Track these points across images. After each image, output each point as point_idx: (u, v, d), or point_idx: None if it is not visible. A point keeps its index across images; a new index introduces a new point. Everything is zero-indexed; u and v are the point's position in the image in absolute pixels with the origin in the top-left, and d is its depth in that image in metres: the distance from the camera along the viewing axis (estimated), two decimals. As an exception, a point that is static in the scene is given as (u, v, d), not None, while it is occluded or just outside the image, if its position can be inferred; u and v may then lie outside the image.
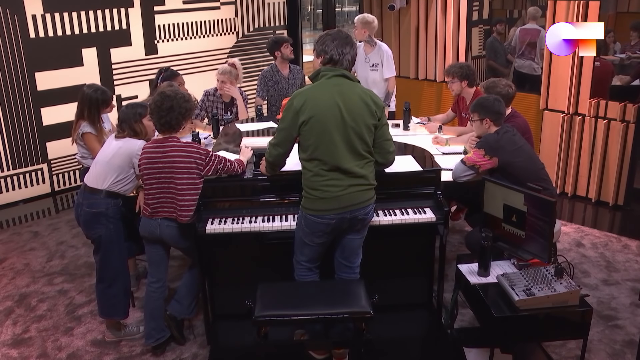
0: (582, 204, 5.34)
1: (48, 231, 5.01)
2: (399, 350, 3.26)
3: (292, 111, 2.73)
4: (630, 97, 5.10)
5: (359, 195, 2.81)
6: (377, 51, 5.10)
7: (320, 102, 2.70)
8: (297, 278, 3.04)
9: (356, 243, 2.98)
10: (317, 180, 2.77)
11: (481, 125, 3.42)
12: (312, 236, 2.87)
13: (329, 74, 2.75)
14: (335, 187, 2.76)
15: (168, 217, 3.06)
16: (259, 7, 7.08)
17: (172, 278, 3.86)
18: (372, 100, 2.78)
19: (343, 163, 2.73)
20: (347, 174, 2.76)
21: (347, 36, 2.80)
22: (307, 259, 2.98)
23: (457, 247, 4.39)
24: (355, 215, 2.83)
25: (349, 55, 2.77)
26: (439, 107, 6.33)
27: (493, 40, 6.42)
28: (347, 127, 2.71)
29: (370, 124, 2.76)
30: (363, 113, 2.73)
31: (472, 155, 3.35)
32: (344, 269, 3.04)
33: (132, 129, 3.21)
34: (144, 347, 3.33)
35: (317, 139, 2.71)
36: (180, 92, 3.07)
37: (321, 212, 2.78)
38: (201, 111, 4.67)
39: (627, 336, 3.38)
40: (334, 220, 2.80)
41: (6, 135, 5.41)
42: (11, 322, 3.66)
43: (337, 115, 2.70)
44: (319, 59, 2.82)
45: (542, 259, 2.83)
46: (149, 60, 6.22)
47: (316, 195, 2.78)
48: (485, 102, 3.41)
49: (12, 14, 5.23)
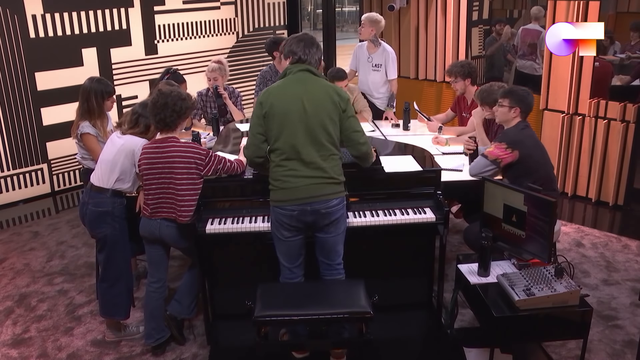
0: (582, 204, 5.34)
1: (48, 231, 5.01)
2: (399, 350, 3.26)
3: (257, 104, 2.86)
4: (630, 97, 5.10)
5: (318, 188, 2.83)
6: (382, 52, 5.07)
7: (282, 95, 2.82)
8: (281, 280, 3.06)
9: (331, 241, 2.96)
10: (278, 171, 2.84)
11: (507, 113, 3.38)
12: (281, 229, 2.90)
13: (294, 70, 2.88)
14: (294, 177, 2.81)
15: (168, 217, 3.06)
16: (259, 7, 7.08)
17: (172, 278, 3.86)
18: (336, 93, 2.86)
19: (303, 153, 2.79)
20: (307, 165, 2.81)
21: (312, 38, 2.94)
22: (283, 257, 3.00)
23: (457, 247, 4.39)
24: (316, 208, 2.83)
25: (315, 55, 2.90)
26: (439, 107, 6.33)
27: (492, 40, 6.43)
28: (309, 117, 2.78)
29: (334, 114, 2.82)
30: (325, 104, 2.81)
31: (493, 149, 3.33)
32: (326, 267, 3.04)
33: (147, 126, 3.21)
34: (144, 347, 3.33)
35: (278, 129, 2.79)
36: (176, 90, 3.07)
37: (282, 202, 2.84)
38: (197, 111, 4.68)
39: (627, 336, 3.38)
40: (295, 211, 2.83)
41: (6, 135, 5.41)
42: (11, 322, 3.66)
43: (299, 106, 2.78)
44: (287, 60, 2.93)
45: (542, 259, 2.83)
46: (149, 60, 6.22)
47: (277, 186, 2.85)
48: (520, 92, 3.39)
49: (12, 14, 5.23)
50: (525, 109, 3.38)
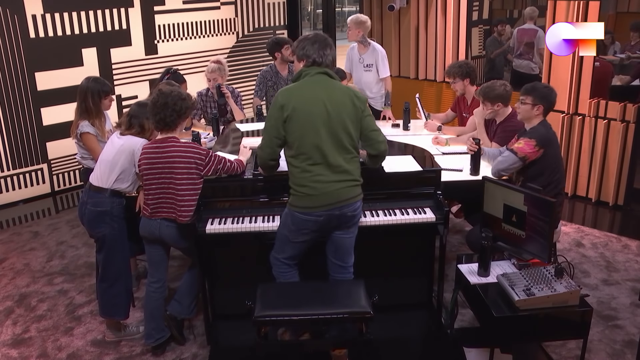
0: (582, 204, 5.34)
1: (48, 231, 5.01)
2: (399, 350, 3.26)
3: (277, 107, 2.77)
4: (630, 97, 5.10)
5: (347, 191, 2.82)
6: (372, 52, 5.08)
7: (304, 97, 2.76)
8: (275, 275, 3.05)
9: (348, 242, 2.97)
10: (305, 177, 2.79)
11: (530, 110, 3.34)
12: (298, 234, 2.88)
13: (311, 72, 2.83)
14: (323, 182, 2.78)
15: (168, 217, 3.06)
16: (259, 7, 7.08)
17: (172, 278, 3.86)
18: (354, 95, 2.85)
19: (329, 156, 2.76)
20: (333, 169, 2.78)
21: (325, 38, 2.87)
22: (288, 256, 2.99)
23: (457, 247, 4.39)
24: (344, 212, 2.83)
25: (330, 56, 2.85)
26: (439, 107, 6.33)
27: (493, 40, 6.44)
28: (332, 120, 2.75)
29: (354, 116, 2.80)
30: (347, 106, 2.79)
31: (523, 145, 3.29)
32: (338, 269, 3.03)
33: (141, 126, 3.21)
34: (144, 347, 3.33)
35: (302, 132, 2.75)
36: (175, 90, 3.06)
37: (310, 209, 2.80)
38: (197, 112, 4.68)
39: (627, 336, 3.38)
40: (322, 217, 2.81)
41: (6, 135, 5.41)
42: (11, 322, 3.66)
43: (322, 109, 2.74)
44: (301, 63, 2.88)
45: (542, 259, 2.83)
46: (149, 60, 6.22)
47: (304, 192, 2.80)
48: (543, 89, 3.36)
49: (12, 14, 5.23)
50: (549, 106, 3.36)
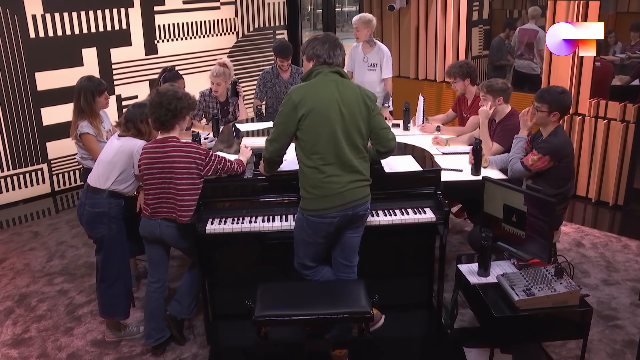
0: (582, 204, 5.34)
1: (48, 231, 5.01)
2: (399, 350, 3.26)
3: (290, 105, 2.74)
4: (630, 97, 5.10)
5: (360, 191, 2.83)
6: (377, 52, 5.08)
7: (319, 96, 2.73)
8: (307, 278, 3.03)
9: (356, 241, 2.98)
10: (318, 178, 2.76)
11: (546, 117, 3.36)
12: (316, 237, 2.87)
13: (324, 71, 2.80)
14: (336, 183, 2.77)
15: (168, 217, 3.06)
16: (259, 7, 7.08)
17: (172, 278, 3.86)
18: (366, 94, 2.84)
19: (343, 156, 2.75)
20: (346, 169, 2.77)
21: (336, 39, 2.86)
22: (312, 258, 2.98)
23: (457, 247, 4.39)
24: (357, 211, 2.84)
25: (340, 56, 2.85)
26: (439, 107, 6.33)
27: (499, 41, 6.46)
28: (346, 121, 2.74)
29: (366, 115, 2.80)
30: (359, 106, 2.78)
31: (538, 162, 3.32)
32: (344, 268, 3.03)
33: (137, 129, 3.20)
34: (144, 347, 3.33)
35: (318, 132, 2.72)
36: (172, 90, 3.05)
37: (323, 211, 2.78)
38: (198, 112, 4.68)
39: (627, 336, 3.38)
40: (337, 218, 2.80)
41: (6, 135, 5.41)
42: (11, 322, 3.66)
43: (336, 109, 2.73)
44: (311, 62, 2.86)
45: (542, 259, 2.83)
46: (149, 60, 6.22)
47: (317, 194, 2.78)
48: (560, 96, 3.34)
49: (12, 14, 5.23)
50: (564, 112, 3.39)
